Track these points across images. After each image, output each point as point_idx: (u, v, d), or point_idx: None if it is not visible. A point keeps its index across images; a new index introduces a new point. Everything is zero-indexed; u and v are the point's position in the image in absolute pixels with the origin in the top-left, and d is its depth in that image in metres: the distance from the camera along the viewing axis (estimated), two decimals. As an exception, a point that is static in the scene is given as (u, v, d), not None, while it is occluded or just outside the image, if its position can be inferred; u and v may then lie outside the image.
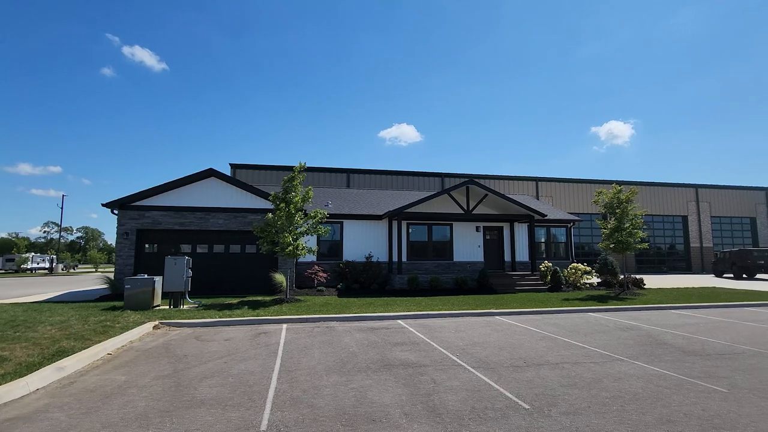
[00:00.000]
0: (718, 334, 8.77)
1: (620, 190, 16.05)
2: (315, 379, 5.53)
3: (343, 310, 11.42)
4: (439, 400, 4.75)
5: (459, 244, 19.74)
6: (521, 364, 6.39)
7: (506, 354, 7.01)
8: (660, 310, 12.44)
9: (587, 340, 8.14)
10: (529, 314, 11.51)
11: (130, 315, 9.95)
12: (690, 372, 5.93)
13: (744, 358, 6.79)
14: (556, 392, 5.03)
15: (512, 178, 34.97)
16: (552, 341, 8.07)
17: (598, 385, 5.29)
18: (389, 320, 10.51)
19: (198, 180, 16.03)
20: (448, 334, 8.80)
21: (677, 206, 38.50)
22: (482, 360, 6.60)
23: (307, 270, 16.84)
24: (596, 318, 10.99)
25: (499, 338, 8.35)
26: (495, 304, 12.66)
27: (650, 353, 7.10)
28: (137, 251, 15.21)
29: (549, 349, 7.42)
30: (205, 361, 6.48)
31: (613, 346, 7.66)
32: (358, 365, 6.26)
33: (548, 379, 5.58)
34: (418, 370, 5.98)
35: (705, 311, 12.36)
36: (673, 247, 38.80)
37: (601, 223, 16.22)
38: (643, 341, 8.10)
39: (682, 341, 8.10)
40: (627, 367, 6.17)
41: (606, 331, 9.22)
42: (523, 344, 7.79)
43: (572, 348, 7.49)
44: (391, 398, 4.80)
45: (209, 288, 15.18)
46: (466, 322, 10.31)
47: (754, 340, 8.14)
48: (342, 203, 20.66)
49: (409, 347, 7.51)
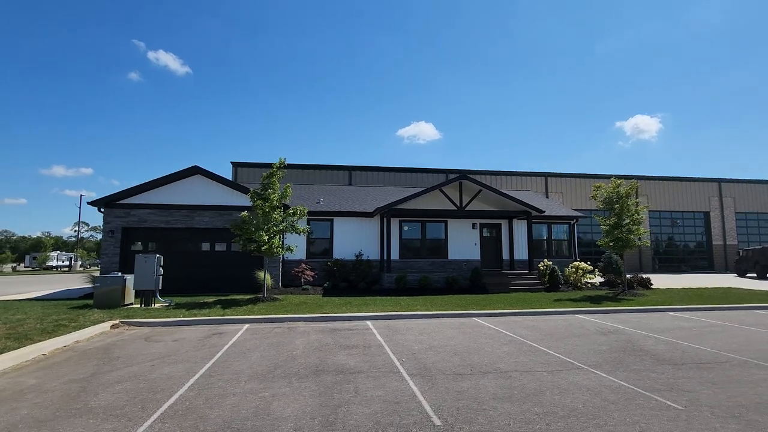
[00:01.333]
0: (707, 340, 7.97)
1: (620, 184, 15.10)
2: (230, 386, 5.14)
3: (315, 309, 11.05)
4: (345, 413, 4.29)
5: (454, 242, 19.09)
6: (466, 371, 5.84)
7: (457, 360, 6.47)
8: (656, 312, 11.58)
9: (556, 345, 7.50)
10: (510, 316, 10.87)
11: (93, 314, 9.84)
12: (651, 384, 5.27)
13: (724, 368, 6.05)
14: (483, 406, 4.49)
15: (520, 174, 33.91)
16: (517, 346, 7.47)
17: (535, 399, 4.72)
18: (358, 321, 10.07)
19: (183, 177, 15.94)
20: (410, 336, 8.30)
21: (698, 202, 36.59)
22: (426, 366, 6.08)
23: (295, 268, 16.55)
24: (581, 320, 10.26)
25: (461, 342, 7.79)
26: (478, 305, 12.05)
27: (619, 361, 6.43)
28: (123, 249, 15.23)
29: (508, 354, 6.83)
30: (133, 364, 6.19)
31: (582, 352, 7.01)
32: (289, 370, 5.85)
33: (485, 390, 5.04)
34: (348, 378, 5.53)
35: (706, 313, 11.43)
36: (695, 246, 36.90)
37: (600, 220, 15.31)
38: (618, 347, 7.40)
39: (663, 347, 7.37)
40: (582, 377, 5.55)
41: (584, 335, 8.53)
42: (482, 349, 7.22)
43: (535, 354, 6.88)
44: (294, 410, 4.36)
45: (192, 286, 15.08)
46: (438, 323, 9.77)
47: (746, 348, 7.33)
48: (336, 200, 20.31)
49: (358, 351, 7.05)
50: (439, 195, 17.70)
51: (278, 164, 13.48)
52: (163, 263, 15.48)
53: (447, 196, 17.56)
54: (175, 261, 15.74)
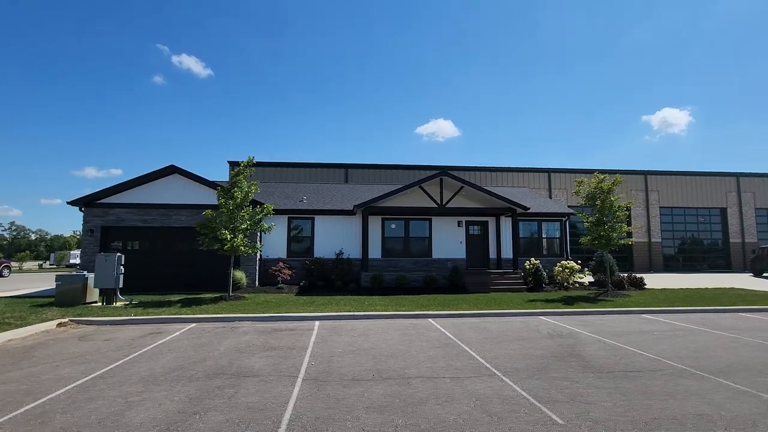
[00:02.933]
0: (659, 345, 7.41)
1: (602, 179, 14.37)
2: (108, 390, 5.02)
3: (272, 309, 10.91)
4: (196, 420, 4.08)
5: (439, 240, 18.67)
6: (368, 377, 5.56)
7: (370, 364, 6.18)
8: (628, 315, 10.95)
9: (490, 349, 7.11)
10: (469, 317, 10.46)
11: (48, 312, 9.96)
12: (554, 395, 4.87)
13: (651, 377, 5.56)
14: (348, 416, 4.21)
15: (520, 170, 33.00)
16: (448, 350, 7.11)
17: (411, 409, 4.41)
18: (308, 321, 9.87)
19: (161, 177, 16.08)
20: (346, 338, 8.04)
21: (715, 198, 34.81)
22: (329, 371, 5.82)
23: (273, 267, 16.50)
24: (541, 322, 9.77)
25: (394, 344, 7.49)
26: (443, 305, 11.67)
27: (543, 367, 6.01)
28: (102, 248, 15.47)
29: (431, 359, 6.50)
30: (39, 364, 6.17)
31: (513, 357, 6.61)
32: (186, 374, 5.69)
33: (367, 398, 4.75)
34: (238, 382, 5.33)
35: (684, 316, 10.74)
36: (711, 243, 35.15)
37: (583, 217, 14.63)
38: (557, 352, 6.96)
39: (604, 353, 6.88)
40: (484, 385, 5.19)
41: (531, 338, 8.08)
42: (409, 352, 6.90)
43: (459, 358, 6.52)
44: (148, 416, 4.19)
45: (168, 284, 15.21)
46: (387, 324, 9.47)
47: (694, 354, 6.77)
48: (321, 198, 20.15)
49: (278, 353, 6.85)
50: (422, 192, 17.31)
51: (246, 162, 13.41)
52: (140, 262, 15.71)
53: (427, 193, 17.17)
54: (151, 260, 15.95)
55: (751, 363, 6.27)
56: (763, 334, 8.41)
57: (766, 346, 7.37)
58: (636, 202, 33.56)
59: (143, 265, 15.83)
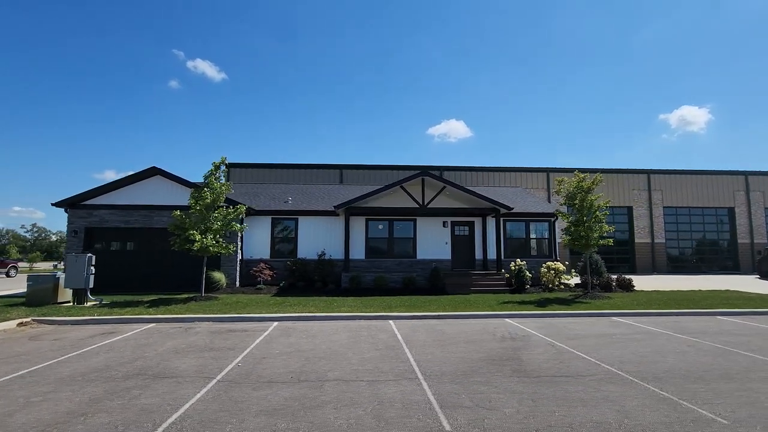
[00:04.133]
0: (608, 350, 7.17)
1: (583, 178, 14.03)
2: (17, 390, 5.05)
3: (238, 309, 10.91)
4: (66, 428, 4.05)
5: (423, 240, 18.49)
6: (287, 379, 5.48)
7: (299, 366, 6.11)
8: (598, 317, 10.66)
9: (431, 352, 6.97)
10: (431, 319, 10.30)
11: (12, 312, 10.14)
12: (462, 400, 4.73)
13: (575, 383, 5.36)
14: (231, 419, 4.13)
15: (517, 170, 32.52)
16: (387, 352, 7.00)
17: (303, 413, 4.32)
18: (266, 322, 9.84)
19: (144, 178, 16.28)
20: (293, 339, 7.99)
21: (722, 197, 33.77)
22: (250, 373, 5.76)
23: (254, 268, 16.55)
24: (501, 325, 9.56)
25: (337, 346, 7.39)
26: (412, 307, 11.51)
27: (473, 371, 5.85)
28: (86, 248, 15.71)
29: (364, 361, 6.39)
30: (-29, 363, 6.24)
31: (448, 360, 6.46)
32: (104, 375, 5.69)
33: (267, 401, 4.67)
34: (150, 383, 5.30)
35: (656, 319, 10.40)
36: (716, 244, 34.11)
37: (563, 216, 14.31)
38: (498, 355, 6.77)
39: (547, 357, 6.68)
40: (397, 390, 5.06)
41: (482, 340, 7.90)
42: (345, 354, 6.80)
43: (392, 361, 6.40)
44: (30, 419, 4.18)
45: (148, 285, 15.38)
46: (344, 326, 9.38)
47: (640, 360, 6.52)
48: (307, 199, 20.15)
49: (215, 354, 6.82)
50: (405, 193, 17.17)
51: (219, 162, 13.46)
52: (123, 263, 15.94)
53: (409, 194, 17.02)
54: (134, 260, 16.16)
55: (694, 368, 6.00)
56: (726, 338, 8.08)
57: (721, 351, 7.06)
58: (638, 201, 32.83)
59: (126, 265, 16.06)
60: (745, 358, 6.64)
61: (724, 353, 6.93)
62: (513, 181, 32.25)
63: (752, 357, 6.68)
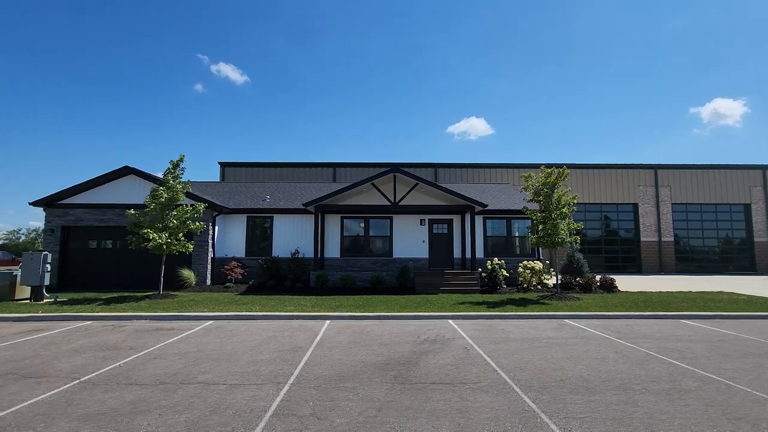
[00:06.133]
0: (522, 355, 6.72)
1: (550, 173, 13.39)
2: None
3: (182, 308, 10.89)
4: None
5: (400, 239, 18.14)
6: (150, 382, 5.32)
7: (177, 367, 5.95)
8: (548, 320, 10.12)
9: (332, 355, 6.70)
10: (371, 319, 10.01)
11: (-37, 307, 10.39)
12: (300, 408, 4.46)
13: (446, 391, 5.00)
14: (39, 424, 3.98)
15: (516, 166, 31.62)
16: (287, 354, 6.77)
17: (121, 418, 4.13)
18: (200, 320, 9.77)
19: (117, 177, 16.53)
20: (207, 339, 7.87)
21: (737, 193, 31.95)
22: (121, 375, 5.64)
23: (225, 266, 16.59)
24: (436, 326, 9.17)
25: (242, 347, 7.21)
26: (361, 307, 11.24)
27: (350, 377, 5.56)
28: (63, 247, 16.10)
29: (252, 363, 6.18)
30: None
31: (343, 364, 6.19)
32: (-19, 372, 5.66)
33: (102, 404, 4.52)
34: (11, 383, 5.25)
35: (610, 322, 9.79)
36: (729, 242, 32.29)
37: (530, 213, 13.70)
38: (398, 360, 6.45)
39: (447, 362, 6.31)
40: (246, 396, 4.83)
41: (398, 343, 7.57)
42: (242, 356, 6.61)
43: (279, 364, 6.17)
44: None
45: (119, 283, 15.67)
46: (274, 325, 9.20)
47: (549, 366, 6.07)
48: (285, 197, 20.09)
49: (109, 353, 6.75)
50: (378, 190, 16.86)
51: (177, 161, 13.49)
52: (98, 260, 16.26)
53: (380, 191, 16.69)
54: (108, 258, 16.44)
55: (594, 377, 5.52)
56: (667, 344, 7.48)
57: (646, 358, 6.51)
58: (645, 198, 31.46)
59: (101, 263, 16.37)
60: (667, 366, 6.09)
61: (647, 361, 6.39)
62: (513, 178, 31.38)
63: (675, 365, 6.13)
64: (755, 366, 6.13)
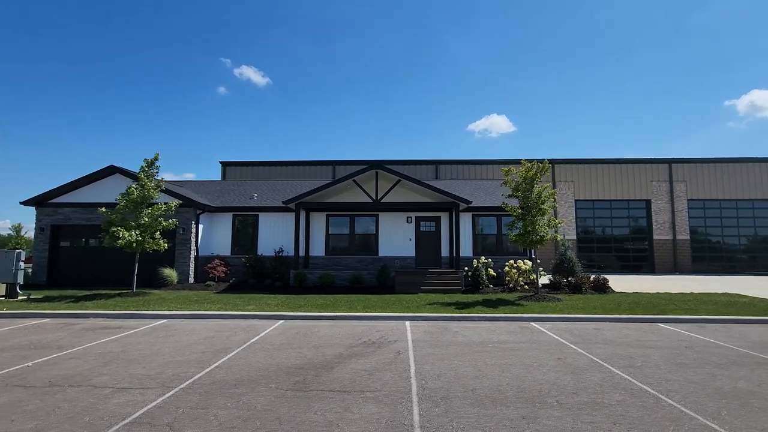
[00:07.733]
0: (455, 362, 6.28)
1: (530, 168, 12.73)
2: None
3: (146, 307, 10.87)
4: None
5: (386, 237, 17.76)
6: (43, 383, 5.18)
7: (89, 367, 5.81)
8: (513, 322, 9.59)
9: (251, 358, 6.44)
10: (326, 320, 9.71)
11: (-66, 304, 10.65)
12: (180, 417, 4.18)
13: (328, 400, 4.64)
14: None
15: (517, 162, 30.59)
16: (209, 356, 6.54)
17: None
18: (155, 319, 9.71)
19: (104, 177, 16.78)
20: (147, 338, 7.74)
21: (758, 188, 30.02)
22: (28, 375, 5.51)
23: (208, 264, 16.61)
24: (388, 328, 8.78)
25: (175, 347, 7.03)
26: (325, 307, 10.94)
27: (249, 382, 5.29)
28: (52, 245, 16.47)
29: (162, 365, 5.98)
30: None
31: (255, 368, 5.92)
32: None
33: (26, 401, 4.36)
34: None
35: (578, 325, 9.19)
36: (752, 240, 30.34)
37: (509, 209, 13.07)
38: (313, 364, 6.12)
39: (364, 368, 5.95)
40: (125, 400, 4.59)
41: (336, 345, 7.24)
42: (161, 357, 6.42)
43: (191, 367, 5.94)
44: None
45: (106, 281, 15.88)
46: (221, 325, 9.02)
47: (474, 373, 5.63)
48: (273, 195, 19.99)
49: (37, 352, 6.69)
50: (358, 187, 16.53)
51: (152, 159, 13.52)
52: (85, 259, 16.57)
53: (361, 188, 16.34)
54: (94, 257, 16.72)
55: (509, 388, 5.04)
56: (622, 351, 6.88)
57: (589, 367, 5.95)
58: (658, 194, 29.96)
59: (88, 262, 16.66)
60: (604, 376, 5.54)
61: (587, 369, 5.84)
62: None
63: (613, 375, 5.56)
64: (706, 378, 5.50)
